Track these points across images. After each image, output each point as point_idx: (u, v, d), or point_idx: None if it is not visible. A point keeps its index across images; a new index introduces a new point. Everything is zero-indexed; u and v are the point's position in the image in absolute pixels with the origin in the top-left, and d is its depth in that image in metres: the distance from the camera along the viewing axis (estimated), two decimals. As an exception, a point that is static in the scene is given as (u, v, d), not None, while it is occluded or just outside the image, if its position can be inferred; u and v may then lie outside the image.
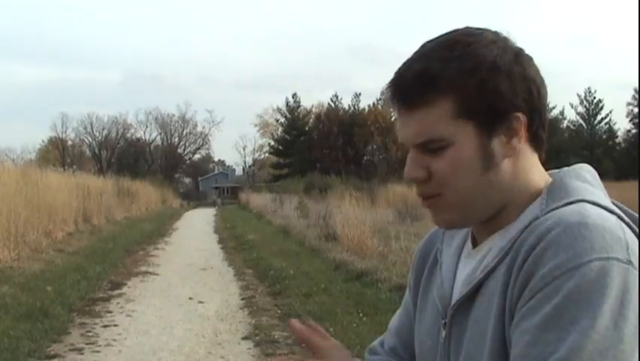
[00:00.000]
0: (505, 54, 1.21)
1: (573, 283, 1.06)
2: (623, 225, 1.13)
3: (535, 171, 1.26)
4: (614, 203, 1.22)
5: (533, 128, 1.23)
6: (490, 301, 1.19)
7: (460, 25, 1.27)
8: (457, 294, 1.30)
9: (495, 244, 1.25)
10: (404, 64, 1.25)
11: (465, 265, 1.33)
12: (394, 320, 1.60)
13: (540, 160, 1.28)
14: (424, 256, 1.51)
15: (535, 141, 1.25)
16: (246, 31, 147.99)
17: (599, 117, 77.75)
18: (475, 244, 1.33)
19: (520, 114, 1.21)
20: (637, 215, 1.20)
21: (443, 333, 1.31)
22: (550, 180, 1.27)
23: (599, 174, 1.31)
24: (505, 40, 1.24)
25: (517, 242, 1.17)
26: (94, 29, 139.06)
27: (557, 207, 1.17)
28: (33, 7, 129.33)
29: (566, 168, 1.30)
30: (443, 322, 1.31)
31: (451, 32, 1.25)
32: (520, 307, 1.12)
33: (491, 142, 1.21)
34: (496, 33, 1.25)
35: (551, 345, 1.05)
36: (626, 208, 1.22)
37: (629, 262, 1.08)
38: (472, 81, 1.19)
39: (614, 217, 1.14)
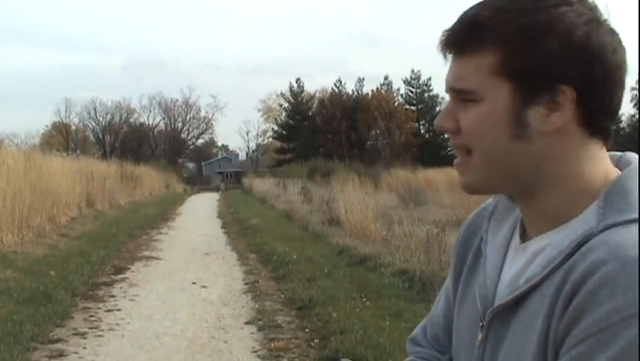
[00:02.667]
0: (575, 18, 1.09)
1: (631, 334, 0.94)
2: None
3: (592, 162, 1.13)
4: None
5: (588, 109, 1.10)
6: (533, 319, 1.10)
7: (454, 8, 1.23)
8: (499, 297, 1.21)
9: (544, 248, 1.14)
10: (467, 9, 1.18)
11: (512, 261, 1.23)
12: (436, 305, 1.51)
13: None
14: (466, 239, 1.41)
15: (592, 127, 1.12)
16: (246, 16, 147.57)
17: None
18: (523, 237, 1.23)
19: (568, 88, 1.08)
20: None
21: (480, 336, 1.23)
22: (614, 176, 1.13)
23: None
24: (588, 6, 1.12)
25: (568, 264, 1.06)
26: (94, 14, 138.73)
27: (616, 224, 1.05)
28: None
29: (632, 166, 1.15)
30: (481, 324, 1.23)
31: None
32: (568, 347, 1.01)
33: (526, 110, 1.10)
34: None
35: None
36: None
37: None
38: (519, 37, 1.09)
39: None
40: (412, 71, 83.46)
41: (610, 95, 1.11)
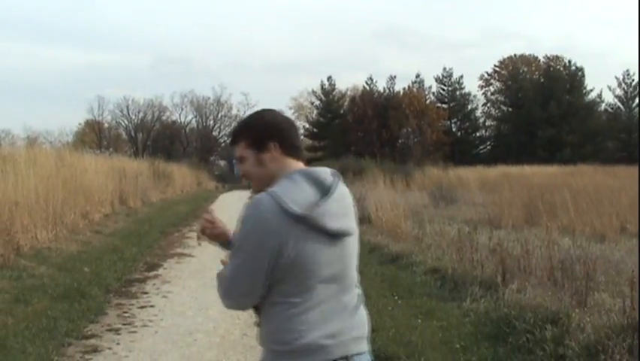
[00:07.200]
0: (271, 117, 2.68)
1: (243, 229, 2.44)
2: (269, 199, 2.40)
3: (286, 169, 2.57)
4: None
5: (286, 147, 2.60)
6: None
7: (486, 8, 1.32)
8: None
9: None
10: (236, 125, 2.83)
11: None
12: None
13: (303, 162, 2.66)
14: None
15: (290, 153, 2.62)
16: (272, 14, 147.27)
17: (637, 100, 76.22)
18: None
19: (274, 142, 2.58)
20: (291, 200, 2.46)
21: None
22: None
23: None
24: (278, 112, 2.71)
25: None
26: (123, 13, 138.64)
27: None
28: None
29: (293, 170, 2.61)
30: None
31: (256, 111, 2.76)
32: None
33: (263, 155, 2.60)
34: (273, 111, 2.73)
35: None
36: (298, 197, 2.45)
37: (257, 209, 2.40)
38: (250, 132, 2.64)
39: (267, 196, 2.42)
40: (444, 68, 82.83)
41: (290, 141, 2.62)
